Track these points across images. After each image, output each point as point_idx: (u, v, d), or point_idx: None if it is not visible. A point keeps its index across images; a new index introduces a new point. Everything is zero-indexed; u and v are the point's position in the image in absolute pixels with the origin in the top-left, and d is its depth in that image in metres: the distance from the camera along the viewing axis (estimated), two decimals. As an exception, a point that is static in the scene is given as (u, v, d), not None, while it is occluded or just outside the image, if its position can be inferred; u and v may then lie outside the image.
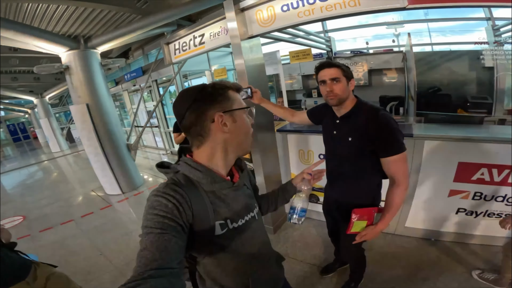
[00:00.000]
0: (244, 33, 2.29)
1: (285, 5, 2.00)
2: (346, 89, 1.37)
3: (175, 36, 3.04)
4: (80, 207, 4.50)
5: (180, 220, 0.66)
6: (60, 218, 4.09)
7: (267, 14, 2.12)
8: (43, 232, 3.70)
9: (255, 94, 1.79)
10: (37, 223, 4.09)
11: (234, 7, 2.18)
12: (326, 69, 1.37)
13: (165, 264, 0.56)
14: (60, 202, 4.91)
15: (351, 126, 1.39)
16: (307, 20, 1.98)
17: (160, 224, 0.62)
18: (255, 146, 2.59)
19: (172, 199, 0.67)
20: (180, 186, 0.71)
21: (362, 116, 1.36)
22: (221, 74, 3.62)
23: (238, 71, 2.43)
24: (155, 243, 0.58)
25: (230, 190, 0.80)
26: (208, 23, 2.57)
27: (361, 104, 1.42)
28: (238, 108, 0.78)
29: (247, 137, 0.83)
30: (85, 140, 4.86)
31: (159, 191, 0.68)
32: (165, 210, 0.64)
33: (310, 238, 2.70)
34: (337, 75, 1.35)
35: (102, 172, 4.76)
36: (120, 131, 4.91)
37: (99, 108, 4.65)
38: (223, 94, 0.76)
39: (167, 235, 0.60)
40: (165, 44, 3.22)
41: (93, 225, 3.69)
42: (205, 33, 2.68)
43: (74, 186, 5.91)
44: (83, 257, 2.94)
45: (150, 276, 0.53)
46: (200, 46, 2.80)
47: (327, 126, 1.58)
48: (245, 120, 0.81)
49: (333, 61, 1.40)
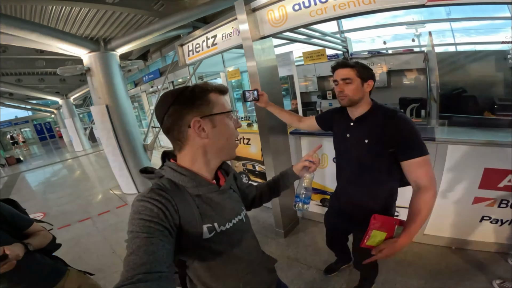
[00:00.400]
0: (255, 33, 2.26)
1: (297, 4, 1.94)
2: (360, 90, 1.33)
3: (189, 37, 3.06)
4: (98, 205, 4.63)
5: (166, 224, 0.64)
6: (78, 216, 4.22)
7: (279, 14, 2.08)
8: (61, 229, 3.81)
9: (261, 97, 1.73)
10: (56, 220, 4.22)
11: (245, 7, 2.15)
12: (340, 69, 1.35)
13: (154, 268, 0.55)
14: (79, 200, 5.08)
15: (367, 128, 1.34)
16: (320, 19, 1.91)
17: (146, 228, 0.61)
18: (267, 148, 2.55)
19: (158, 203, 0.66)
20: (165, 191, 0.70)
21: (379, 118, 1.31)
22: (234, 75, 3.60)
23: (250, 73, 2.39)
24: (143, 247, 0.57)
25: (216, 194, 0.80)
26: (220, 24, 2.56)
27: (377, 106, 1.37)
28: (216, 113, 0.75)
29: (229, 143, 0.80)
30: (104, 140, 5.04)
31: (144, 196, 0.67)
32: (150, 214, 0.63)
33: (322, 242, 2.60)
34: (349, 76, 1.32)
35: (119, 171, 4.88)
36: (137, 132, 5.03)
37: (117, 109, 4.79)
38: (202, 97, 0.74)
39: (154, 238, 0.59)
40: (179, 45, 3.25)
41: (108, 223, 3.78)
42: (218, 34, 2.68)
43: (93, 184, 6.10)
44: (96, 255, 3.01)
45: (138, 280, 0.52)
46: (213, 48, 2.80)
47: (339, 129, 1.52)
48: (227, 125, 0.79)
49: (349, 61, 1.35)
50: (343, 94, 1.34)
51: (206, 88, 0.75)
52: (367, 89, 1.35)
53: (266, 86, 2.42)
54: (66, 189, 6.03)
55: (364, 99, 1.36)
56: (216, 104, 0.76)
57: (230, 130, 0.79)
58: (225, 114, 0.78)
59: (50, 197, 5.63)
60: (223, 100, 0.79)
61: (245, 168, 3.45)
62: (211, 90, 0.76)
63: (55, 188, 6.31)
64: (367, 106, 1.37)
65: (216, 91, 0.77)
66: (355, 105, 1.36)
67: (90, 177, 7.10)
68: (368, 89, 1.35)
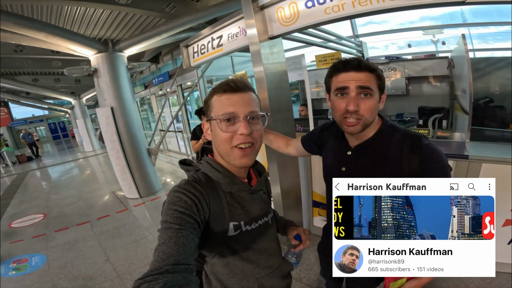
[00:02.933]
0: (263, 33, 2.06)
1: (310, 1, 1.73)
2: (377, 109, 0.90)
3: (194, 38, 2.89)
4: (98, 209, 4.52)
5: (197, 217, 0.66)
6: (77, 219, 4.11)
7: (289, 12, 1.87)
8: (58, 232, 3.72)
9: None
10: (55, 222, 4.15)
11: (252, 4, 1.96)
12: (352, 72, 0.85)
13: (182, 260, 0.55)
14: (81, 202, 4.99)
15: (372, 161, 0.93)
16: (336, 17, 1.69)
17: (179, 219, 0.62)
18: (272, 158, 2.34)
19: (192, 196, 0.67)
20: (200, 184, 0.72)
21: (392, 146, 0.90)
22: (242, 79, 3.41)
23: (257, 78, 2.19)
24: (174, 238, 0.58)
25: (247, 193, 0.80)
26: (226, 23, 2.38)
27: (390, 128, 0.94)
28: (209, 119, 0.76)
29: (221, 149, 0.75)
30: (108, 142, 4.93)
31: (180, 187, 0.69)
32: (184, 206, 0.65)
33: None
34: (370, 85, 0.85)
35: (122, 174, 4.76)
36: (142, 135, 4.92)
37: (123, 112, 4.69)
38: (207, 101, 0.76)
39: (185, 231, 0.61)
40: (184, 47, 3.08)
41: (106, 228, 3.64)
42: (223, 35, 2.49)
43: (97, 186, 6.01)
44: (89, 261, 2.88)
45: (167, 271, 0.52)
46: (218, 49, 2.61)
47: (330, 159, 1.08)
48: (218, 130, 0.73)
49: (365, 61, 0.87)
50: (358, 114, 0.86)
51: (212, 91, 0.76)
52: (381, 107, 0.92)
53: (274, 92, 2.21)
54: (70, 190, 5.97)
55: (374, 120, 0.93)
56: (213, 107, 0.74)
57: (219, 136, 0.73)
58: (215, 120, 0.73)
59: (53, 197, 5.58)
60: (223, 102, 0.72)
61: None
62: (214, 92, 0.75)
63: (59, 188, 6.27)
64: (375, 127, 0.94)
65: (217, 93, 0.74)
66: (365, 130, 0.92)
67: (96, 178, 7.05)
68: (382, 107, 0.93)
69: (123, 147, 4.63)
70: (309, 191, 2.68)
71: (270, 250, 0.88)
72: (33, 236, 3.70)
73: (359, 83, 0.84)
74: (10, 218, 4.67)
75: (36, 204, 5.29)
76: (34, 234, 3.78)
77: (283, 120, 2.35)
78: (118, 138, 4.58)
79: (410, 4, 1.42)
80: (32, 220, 4.36)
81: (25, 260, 3.07)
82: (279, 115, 2.29)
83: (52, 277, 2.65)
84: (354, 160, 0.96)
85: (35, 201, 5.48)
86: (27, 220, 4.41)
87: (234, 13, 2.30)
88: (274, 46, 2.19)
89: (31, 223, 4.24)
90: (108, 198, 5.06)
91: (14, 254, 3.25)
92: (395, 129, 0.94)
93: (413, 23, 5.29)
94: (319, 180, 2.59)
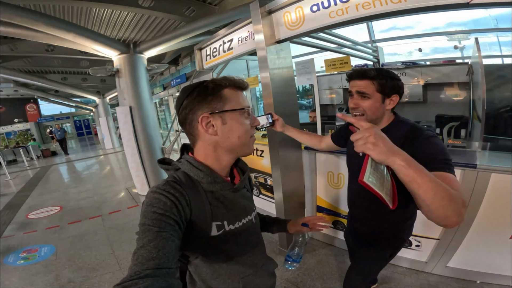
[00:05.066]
0: (270, 37, 2.08)
1: (315, 4, 1.74)
2: (379, 108, 1.11)
3: (207, 41, 2.96)
4: (111, 203, 4.68)
5: (178, 218, 0.64)
6: (91, 212, 4.28)
7: (295, 16, 1.88)
8: (71, 224, 3.88)
9: (276, 122, 1.52)
10: (70, 214, 4.33)
11: (260, 9, 1.99)
12: (356, 80, 1.13)
13: (162, 263, 0.54)
14: (96, 196, 5.19)
15: None
16: (341, 21, 1.68)
17: (158, 221, 0.60)
18: (276, 162, 2.34)
19: (171, 197, 0.65)
20: (180, 184, 0.70)
21: (399, 135, 1.06)
22: (253, 83, 3.45)
23: (263, 83, 2.22)
24: (153, 241, 0.56)
25: (229, 192, 0.79)
26: (236, 27, 2.43)
27: (400, 122, 1.16)
28: (227, 110, 0.73)
29: (242, 141, 0.76)
30: (125, 140, 5.14)
31: (158, 188, 0.67)
32: (163, 207, 0.63)
33: (327, 267, 2.34)
34: (366, 91, 1.10)
35: (136, 172, 4.92)
36: (157, 134, 5.07)
37: (140, 111, 4.87)
38: (215, 93, 0.73)
39: (165, 233, 0.59)
40: (198, 49, 3.17)
41: (116, 223, 3.76)
42: (234, 38, 2.54)
43: (113, 182, 6.23)
44: (95, 253, 2.97)
45: (146, 275, 0.50)
46: (229, 52, 2.66)
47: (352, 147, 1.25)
48: (240, 122, 0.75)
49: (369, 71, 1.10)
50: (359, 111, 1.13)
51: (220, 83, 0.74)
52: (389, 106, 1.13)
53: (280, 97, 2.23)
54: (87, 184, 6.22)
55: (385, 116, 1.16)
56: (230, 100, 0.74)
57: (242, 128, 0.76)
58: (239, 112, 0.75)
59: (71, 191, 5.83)
60: (239, 97, 0.76)
61: (257, 181, 3.24)
62: (225, 85, 0.74)
63: (78, 182, 6.57)
64: (387, 121, 1.17)
65: (232, 87, 0.75)
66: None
67: (113, 174, 7.31)
68: (391, 106, 1.13)
69: (139, 145, 4.81)
70: (314, 196, 2.66)
71: (255, 249, 0.87)
72: (47, 227, 3.87)
73: (357, 89, 1.12)
74: (28, 209, 4.88)
75: (54, 196, 5.54)
76: (48, 225, 3.95)
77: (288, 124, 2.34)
78: (134, 136, 4.76)
79: (414, 6, 1.40)
80: (48, 212, 4.57)
81: (35, 250, 3.21)
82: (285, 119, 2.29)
83: (57, 267, 2.77)
84: None
85: (55, 193, 5.75)
86: (44, 211, 4.62)
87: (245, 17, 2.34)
88: (281, 51, 2.21)
89: (47, 215, 4.44)
90: (122, 194, 5.23)
91: (25, 244, 3.40)
92: (404, 123, 1.14)
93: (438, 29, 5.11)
94: (323, 185, 2.57)
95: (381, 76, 1.08)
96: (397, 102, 1.13)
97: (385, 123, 1.17)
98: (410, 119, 1.16)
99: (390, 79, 1.09)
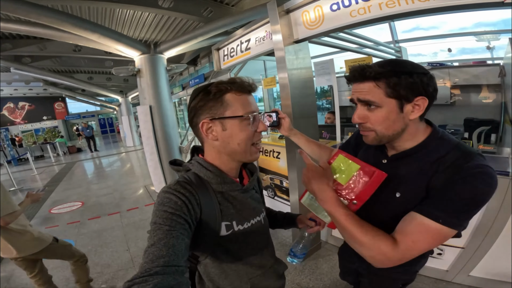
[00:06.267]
0: (288, 37, 2.04)
1: (335, 3, 1.68)
2: (397, 120, 0.75)
3: (225, 41, 2.97)
4: (130, 200, 4.80)
5: (188, 218, 0.65)
6: (110, 209, 4.42)
7: (314, 15, 1.83)
8: (91, 220, 4.00)
9: (283, 121, 1.24)
10: (90, 210, 4.48)
11: (277, 8, 1.95)
12: (357, 83, 0.78)
13: (172, 261, 0.55)
14: (116, 193, 5.34)
15: (407, 173, 0.79)
16: (362, 20, 1.61)
17: (169, 220, 0.61)
18: (292, 164, 2.30)
19: (182, 196, 0.66)
20: (190, 184, 0.71)
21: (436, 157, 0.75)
22: (270, 83, 3.40)
23: (281, 84, 2.18)
24: (163, 239, 0.57)
25: (238, 192, 0.80)
26: (254, 27, 2.41)
27: (439, 140, 0.78)
28: (227, 117, 0.72)
29: (242, 148, 0.75)
30: (145, 139, 5.28)
31: (169, 188, 0.68)
32: (174, 206, 0.64)
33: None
34: (371, 97, 0.74)
35: (154, 170, 5.03)
36: (175, 134, 5.17)
37: (159, 111, 4.98)
38: (216, 99, 0.72)
39: (175, 232, 0.60)
40: (216, 49, 3.18)
41: (133, 220, 3.84)
42: (251, 38, 2.52)
43: (133, 180, 6.40)
44: (111, 250, 3.03)
45: (156, 273, 0.51)
46: (246, 52, 2.65)
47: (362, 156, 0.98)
48: (240, 128, 0.73)
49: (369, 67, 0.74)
50: (365, 126, 0.80)
51: (222, 88, 0.72)
52: (415, 115, 0.75)
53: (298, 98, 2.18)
54: (108, 181, 6.42)
55: (409, 130, 0.78)
56: (231, 106, 0.72)
57: (242, 135, 0.74)
58: (239, 118, 0.73)
59: (93, 187, 6.03)
60: (243, 101, 0.74)
61: (272, 183, 3.20)
62: (228, 90, 0.72)
63: (100, 179, 6.80)
64: (420, 137, 0.79)
65: (236, 91, 0.73)
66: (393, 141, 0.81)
67: (132, 172, 7.50)
68: (417, 114, 0.75)
69: (158, 143, 4.92)
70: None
71: (263, 250, 0.88)
72: (68, 223, 4.00)
73: (358, 96, 0.77)
74: (52, 204, 5.04)
75: (78, 192, 5.74)
76: (70, 220, 4.09)
77: (307, 126, 2.29)
78: (153, 135, 4.88)
79: (443, 5, 1.30)
80: (70, 207, 4.72)
81: None
82: (303, 121, 2.24)
83: None
84: (388, 169, 0.80)
85: (78, 189, 5.96)
86: (66, 206, 4.79)
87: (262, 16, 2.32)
88: (300, 51, 2.16)
89: (69, 210, 4.59)
90: (140, 191, 5.35)
91: None
92: (444, 141, 0.77)
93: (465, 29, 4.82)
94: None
95: (390, 72, 0.71)
96: (427, 107, 0.75)
97: (417, 139, 0.79)
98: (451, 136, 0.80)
99: (406, 75, 0.71)
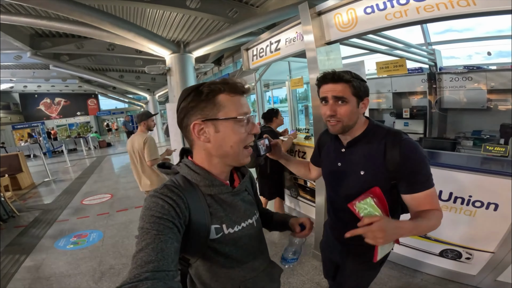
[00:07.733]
0: (320, 38, 2.06)
1: (369, 7, 1.68)
2: (355, 113, 1.04)
3: (254, 41, 3.02)
4: (155, 194, 4.99)
5: (176, 221, 0.63)
6: (137, 202, 4.57)
7: (347, 18, 1.83)
8: (119, 212, 4.17)
9: (274, 148, 1.24)
10: (119, 202, 4.68)
11: (309, 10, 1.97)
12: (330, 84, 1.03)
13: (161, 266, 0.54)
14: (142, 187, 5.57)
15: (362, 155, 1.07)
16: (398, 23, 1.60)
17: (156, 225, 0.60)
18: (318, 165, 2.31)
19: (169, 200, 0.65)
20: (178, 188, 0.70)
21: (377, 141, 1.05)
22: (297, 84, 3.42)
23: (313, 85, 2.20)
24: (152, 244, 0.57)
25: (228, 195, 0.78)
26: (284, 28, 2.44)
27: (375, 127, 1.10)
28: (219, 119, 0.70)
29: (234, 150, 0.73)
30: (173, 135, 5.54)
31: (156, 192, 0.67)
32: (161, 211, 0.63)
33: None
34: (344, 94, 1.01)
35: (179, 165, 5.23)
36: (200, 130, 5.33)
37: (187, 108, 5.14)
38: (209, 99, 0.70)
39: (164, 236, 0.59)
40: (245, 50, 3.25)
41: (158, 213, 3.99)
42: (281, 39, 2.56)
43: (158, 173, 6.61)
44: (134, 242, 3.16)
45: (146, 278, 0.50)
46: (276, 53, 2.69)
47: (328, 156, 1.22)
48: (233, 131, 0.72)
49: (343, 74, 1.01)
50: (336, 118, 1.03)
51: (214, 88, 0.70)
52: (363, 110, 1.07)
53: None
54: (135, 175, 6.70)
55: (359, 121, 1.08)
56: (224, 107, 0.70)
57: (236, 138, 0.72)
58: (233, 120, 0.71)
59: (121, 180, 6.30)
60: (236, 103, 0.72)
61: (296, 182, 3.23)
62: (221, 91, 0.70)
63: (128, 173, 6.90)
64: (362, 127, 1.09)
65: (229, 92, 0.71)
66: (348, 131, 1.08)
67: (158, 166, 7.77)
68: (364, 110, 1.08)
69: (184, 140, 5.09)
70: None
71: (256, 253, 0.86)
72: (98, 214, 4.16)
73: (334, 94, 1.01)
74: (83, 196, 5.27)
75: (107, 184, 6.01)
76: (99, 212, 4.24)
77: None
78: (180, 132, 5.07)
79: (485, 10, 1.28)
80: (100, 199, 4.94)
81: (85, 235, 3.42)
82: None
83: (102, 253, 2.93)
84: (347, 155, 1.11)
85: (107, 182, 6.27)
86: (97, 198, 5.00)
87: (292, 18, 2.35)
88: (331, 52, 2.17)
89: (99, 202, 4.79)
90: (165, 185, 5.56)
91: (78, 229, 3.65)
92: (379, 128, 1.09)
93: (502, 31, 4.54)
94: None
95: (353, 78, 1.02)
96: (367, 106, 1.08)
97: (361, 128, 1.09)
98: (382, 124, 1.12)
99: (361, 82, 1.03)
